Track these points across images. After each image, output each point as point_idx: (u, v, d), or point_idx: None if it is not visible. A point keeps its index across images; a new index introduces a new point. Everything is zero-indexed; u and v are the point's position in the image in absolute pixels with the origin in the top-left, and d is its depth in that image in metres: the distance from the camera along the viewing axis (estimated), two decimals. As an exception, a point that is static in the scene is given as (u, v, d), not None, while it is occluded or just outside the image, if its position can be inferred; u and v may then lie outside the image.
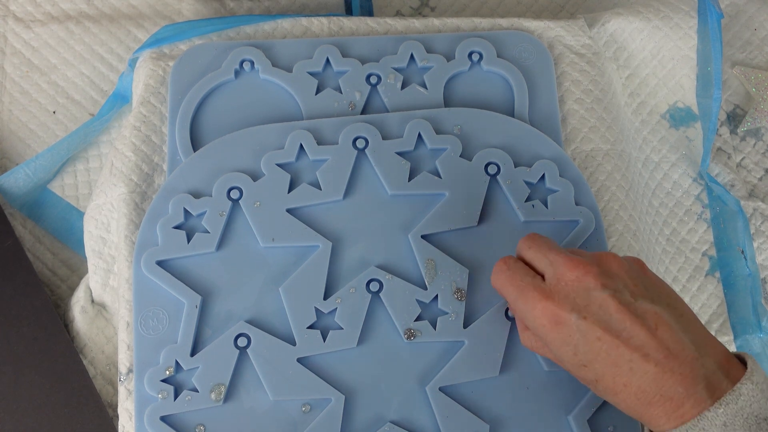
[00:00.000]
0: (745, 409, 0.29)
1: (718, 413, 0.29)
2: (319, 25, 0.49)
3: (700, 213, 0.49)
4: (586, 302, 0.33)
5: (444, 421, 0.40)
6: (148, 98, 0.46)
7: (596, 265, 0.34)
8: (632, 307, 0.32)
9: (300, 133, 0.44)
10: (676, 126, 0.51)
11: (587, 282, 0.33)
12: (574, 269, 0.34)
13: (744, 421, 0.29)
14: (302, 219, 0.43)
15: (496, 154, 0.44)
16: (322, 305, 0.41)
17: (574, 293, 0.33)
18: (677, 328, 0.32)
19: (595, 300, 0.33)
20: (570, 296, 0.33)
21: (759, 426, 0.29)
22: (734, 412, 0.29)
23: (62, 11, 0.55)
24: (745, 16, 0.56)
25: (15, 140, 0.53)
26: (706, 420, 0.29)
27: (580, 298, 0.33)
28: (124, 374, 0.41)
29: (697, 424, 0.29)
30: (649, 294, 0.33)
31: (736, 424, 0.29)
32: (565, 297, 0.33)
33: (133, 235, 0.43)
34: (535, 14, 0.60)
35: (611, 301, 0.32)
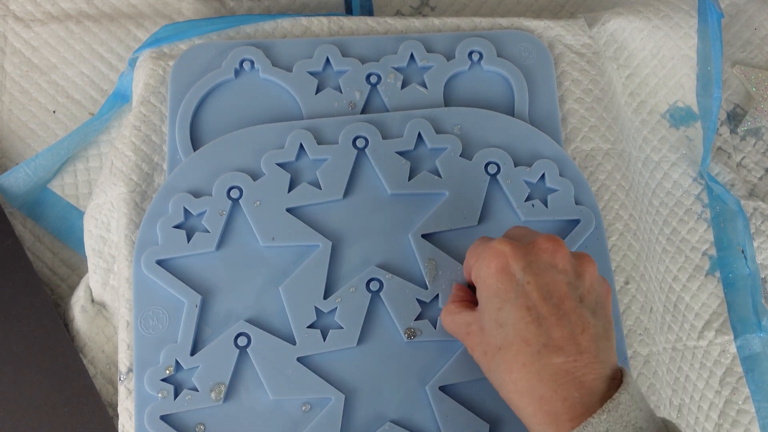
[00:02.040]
0: (624, 417, 0.30)
1: (601, 419, 0.30)
2: (319, 24, 0.49)
3: (700, 212, 0.49)
4: (541, 272, 0.33)
5: (444, 421, 0.40)
6: (148, 97, 0.46)
7: (572, 255, 0.34)
8: (575, 304, 0.33)
9: (300, 132, 0.44)
10: (676, 125, 0.51)
11: (555, 259, 0.34)
12: (552, 241, 0.34)
13: (623, 429, 0.30)
14: (302, 218, 0.43)
15: (496, 153, 0.44)
16: (322, 304, 0.41)
17: (537, 259, 0.34)
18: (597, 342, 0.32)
19: (551, 276, 0.33)
20: (530, 258, 0.34)
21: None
22: (615, 419, 0.30)
23: (62, 10, 0.55)
24: (745, 16, 0.56)
25: (15, 139, 0.53)
26: (591, 426, 0.30)
27: (537, 265, 0.33)
28: (124, 373, 0.41)
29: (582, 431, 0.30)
30: (595, 309, 0.34)
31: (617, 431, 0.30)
32: (525, 255, 0.34)
33: (133, 234, 0.43)
34: (535, 14, 0.60)
35: (562, 287, 0.33)
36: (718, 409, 0.45)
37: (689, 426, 0.45)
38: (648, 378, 0.44)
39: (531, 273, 0.33)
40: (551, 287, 0.33)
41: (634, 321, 0.44)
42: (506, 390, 0.33)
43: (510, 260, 0.34)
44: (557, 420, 0.30)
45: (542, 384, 0.31)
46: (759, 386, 0.46)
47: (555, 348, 0.31)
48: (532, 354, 0.32)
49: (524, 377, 0.32)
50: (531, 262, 0.33)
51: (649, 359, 0.44)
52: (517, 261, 0.33)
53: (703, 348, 0.46)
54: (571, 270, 0.34)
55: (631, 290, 0.45)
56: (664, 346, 0.46)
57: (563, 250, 0.34)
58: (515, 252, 0.34)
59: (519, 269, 0.33)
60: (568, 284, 0.33)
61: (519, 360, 0.32)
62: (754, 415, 0.45)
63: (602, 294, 0.35)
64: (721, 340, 0.46)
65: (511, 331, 0.32)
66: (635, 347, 0.44)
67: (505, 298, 0.33)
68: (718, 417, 0.45)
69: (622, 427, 0.30)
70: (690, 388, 0.46)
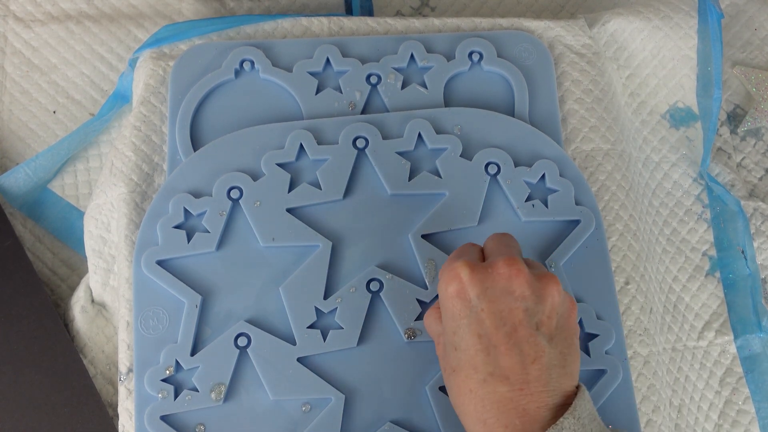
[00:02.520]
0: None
1: None
2: (319, 25, 0.49)
3: (700, 213, 0.49)
4: (496, 299, 0.33)
5: (444, 421, 0.40)
6: (149, 98, 0.46)
7: (532, 279, 0.33)
8: (529, 332, 0.32)
9: (300, 132, 0.44)
10: (677, 126, 0.51)
11: (512, 285, 0.33)
12: (509, 267, 0.33)
13: None
14: (302, 219, 0.43)
15: (497, 153, 0.44)
16: (323, 305, 0.41)
17: (492, 285, 0.33)
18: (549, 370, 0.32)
19: (506, 303, 0.33)
20: (487, 284, 0.33)
21: None
22: None
23: (62, 11, 0.55)
24: (745, 16, 0.56)
25: (15, 140, 0.53)
26: None
27: (493, 291, 0.33)
28: (124, 374, 0.41)
29: None
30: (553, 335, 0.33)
31: None
32: (482, 281, 0.33)
33: (134, 234, 0.43)
34: (536, 14, 0.60)
35: (518, 314, 0.32)
36: (718, 409, 0.45)
37: (689, 426, 0.45)
38: (648, 378, 0.44)
39: (485, 299, 0.33)
40: (505, 315, 0.32)
41: (634, 321, 0.44)
42: (458, 410, 0.34)
43: (466, 285, 0.33)
44: None
45: (485, 410, 0.31)
46: (759, 387, 0.46)
47: (501, 377, 0.31)
48: (478, 381, 0.32)
49: (471, 402, 0.32)
50: (486, 288, 0.33)
51: (649, 359, 0.44)
52: (473, 286, 0.33)
53: (703, 348, 0.46)
54: (529, 295, 0.33)
55: (631, 291, 0.45)
56: (664, 347, 0.46)
57: (521, 276, 0.33)
58: (472, 277, 0.33)
59: (474, 295, 0.33)
60: (524, 311, 0.32)
61: (467, 385, 0.32)
62: (754, 415, 0.45)
63: (565, 316, 0.34)
64: (721, 340, 0.46)
65: (463, 357, 0.33)
66: (635, 347, 0.44)
67: (460, 322, 0.33)
68: (718, 417, 0.45)
69: None
70: (690, 389, 0.46)
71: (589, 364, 0.41)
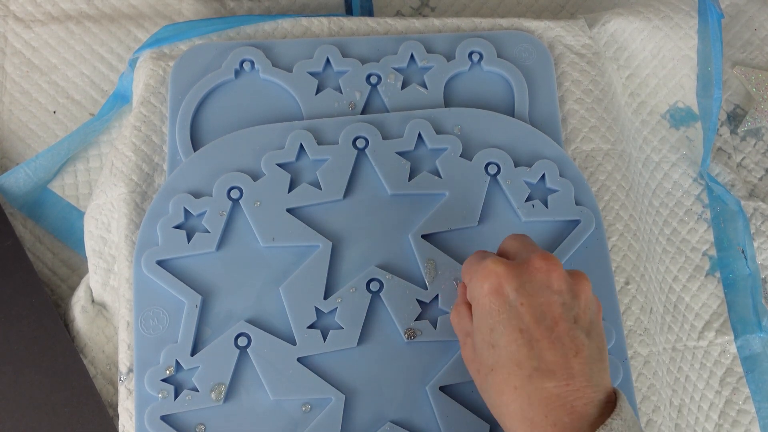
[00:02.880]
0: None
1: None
2: (319, 25, 0.49)
3: (700, 213, 0.49)
4: (534, 293, 0.32)
5: (444, 421, 0.40)
6: (149, 98, 0.46)
7: (566, 275, 0.34)
8: (569, 326, 0.32)
9: (300, 133, 0.44)
10: (677, 126, 0.51)
11: (550, 279, 0.33)
12: (546, 261, 0.33)
13: None
14: (302, 219, 0.43)
15: (497, 154, 0.44)
16: (323, 305, 0.41)
17: (530, 279, 0.33)
18: (590, 365, 0.32)
19: (544, 297, 0.32)
20: (524, 278, 0.33)
21: None
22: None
23: (62, 11, 0.55)
24: (745, 16, 0.56)
25: (15, 140, 0.53)
26: None
27: (531, 286, 0.33)
28: (125, 374, 0.41)
29: None
30: (590, 330, 0.33)
31: None
32: (518, 276, 0.33)
33: (134, 234, 0.43)
34: (536, 14, 0.60)
35: (556, 308, 0.32)
36: (718, 409, 0.45)
37: (689, 426, 0.45)
38: (648, 378, 0.44)
39: (524, 294, 0.32)
40: (545, 309, 0.32)
41: (634, 321, 0.44)
42: (497, 411, 0.33)
43: (503, 281, 0.33)
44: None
45: (532, 408, 0.31)
46: (759, 386, 0.46)
47: (547, 372, 0.31)
48: (523, 378, 0.31)
49: (515, 400, 0.31)
50: (524, 283, 0.33)
51: (649, 359, 0.44)
52: (510, 282, 0.33)
53: (703, 348, 0.46)
54: (566, 290, 0.33)
55: (631, 290, 0.45)
56: (664, 347, 0.46)
57: (558, 270, 0.33)
58: (508, 272, 0.33)
59: (512, 290, 0.33)
60: (562, 305, 0.32)
61: (510, 383, 0.32)
62: (754, 415, 0.45)
63: (595, 313, 0.34)
64: (721, 340, 0.46)
65: (503, 353, 0.32)
66: (635, 347, 0.44)
67: (498, 319, 0.33)
68: (718, 417, 0.45)
69: None
70: (690, 389, 0.46)
71: (589, 364, 0.41)
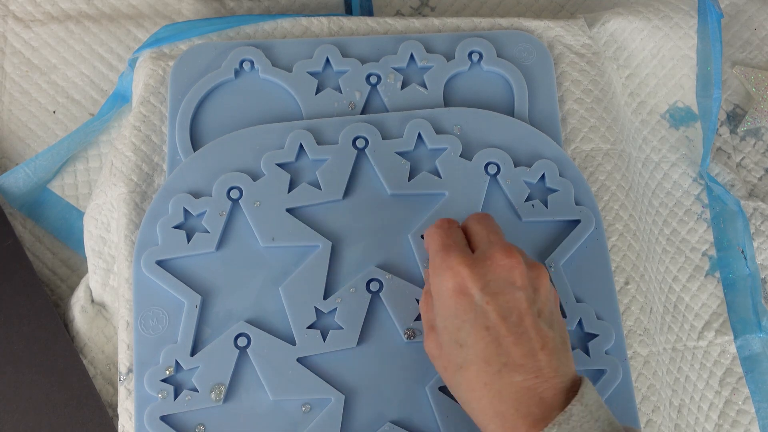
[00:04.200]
0: (575, 430, 0.30)
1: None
2: (319, 24, 0.49)
3: (700, 213, 0.49)
4: (499, 291, 0.33)
5: (444, 421, 0.40)
6: (148, 98, 0.46)
7: (528, 268, 0.34)
8: (533, 320, 0.33)
9: (300, 132, 0.44)
10: (676, 126, 0.51)
11: (513, 276, 0.33)
12: (508, 257, 0.34)
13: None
14: (302, 219, 0.43)
15: (496, 153, 0.44)
16: (322, 305, 0.41)
17: (494, 277, 0.33)
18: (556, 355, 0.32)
19: (509, 294, 0.33)
20: (487, 277, 0.33)
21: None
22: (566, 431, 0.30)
23: (62, 11, 0.55)
24: (745, 16, 0.56)
25: (15, 140, 0.53)
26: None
27: (496, 284, 0.33)
28: (124, 374, 0.41)
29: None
30: (551, 321, 0.34)
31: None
32: (482, 275, 0.33)
33: (133, 234, 0.43)
34: (535, 14, 0.60)
35: (521, 304, 0.33)
36: (718, 409, 0.45)
37: (689, 426, 0.45)
38: (648, 378, 0.44)
39: (489, 293, 0.33)
40: (510, 305, 0.33)
41: (634, 321, 0.44)
42: (468, 407, 0.33)
43: (467, 282, 0.33)
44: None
45: (503, 403, 0.31)
46: (759, 387, 0.46)
47: (515, 366, 0.31)
48: (492, 374, 0.32)
49: (485, 396, 0.32)
50: (489, 282, 0.33)
51: (649, 360, 0.44)
52: (475, 282, 0.33)
53: (702, 348, 0.46)
54: (528, 285, 0.34)
55: (631, 291, 0.45)
56: (664, 347, 0.46)
57: (520, 266, 0.34)
58: (472, 273, 0.33)
59: (477, 291, 0.33)
60: (526, 300, 0.33)
61: (480, 380, 0.32)
62: (753, 415, 0.45)
63: (554, 304, 0.35)
64: (720, 340, 0.46)
65: (471, 352, 0.32)
66: (635, 347, 0.44)
67: (464, 318, 0.33)
68: (717, 417, 0.45)
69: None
70: (690, 389, 0.46)
71: (589, 364, 0.41)
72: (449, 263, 0.34)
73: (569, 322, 0.42)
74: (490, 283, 0.33)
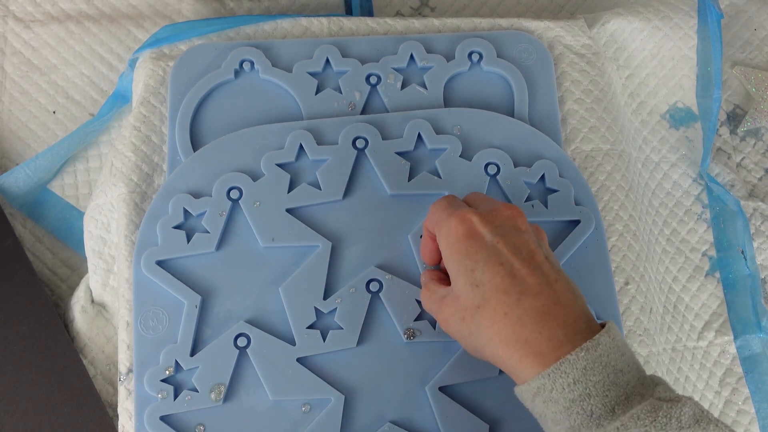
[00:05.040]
0: (603, 358, 0.31)
1: (579, 357, 0.30)
2: (319, 25, 0.49)
3: (700, 213, 0.49)
4: (508, 233, 0.34)
5: (444, 421, 0.40)
6: (148, 98, 0.46)
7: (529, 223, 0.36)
8: (544, 258, 0.34)
9: (300, 133, 0.44)
10: (676, 126, 0.51)
11: (517, 223, 0.35)
12: (511, 209, 0.36)
13: (603, 368, 0.30)
14: (302, 219, 0.43)
15: (496, 154, 0.44)
16: (322, 305, 0.41)
17: (501, 222, 0.35)
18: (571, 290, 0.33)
19: (517, 236, 0.34)
20: (495, 222, 0.35)
21: (615, 375, 0.31)
22: (594, 359, 0.30)
23: (62, 11, 0.55)
24: (744, 16, 0.56)
25: (15, 140, 0.53)
26: (568, 363, 0.30)
27: (504, 227, 0.35)
28: (124, 374, 0.41)
29: (560, 367, 0.30)
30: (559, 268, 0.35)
31: (596, 370, 0.30)
32: (490, 220, 0.35)
33: (133, 235, 0.43)
34: (535, 14, 0.60)
35: (530, 244, 0.34)
36: (718, 409, 0.45)
37: (689, 426, 0.45)
38: (648, 378, 0.44)
39: (499, 234, 0.34)
40: (519, 245, 0.34)
41: (634, 322, 0.44)
42: (490, 345, 0.33)
43: (476, 225, 0.35)
44: (544, 360, 0.31)
45: (525, 328, 0.32)
46: (759, 387, 0.46)
47: (533, 294, 0.32)
48: (511, 303, 0.32)
49: (508, 326, 0.32)
50: (497, 226, 0.35)
51: (649, 360, 0.44)
52: (484, 225, 0.35)
53: (702, 349, 0.46)
54: (533, 233, 0.36)
55: (631, 291, 0.45)
56: (664, 347, 0.46)
57: (523, 216, 0.36)
58: (481, 217, 0.35)
59: (487, 231, 0.34)
60: (534, 242, 0.34)
61: (500, 311, 0.33)
62: (753, 415, 0.45)
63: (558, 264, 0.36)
64: (720, 340, 0.46)
65: (488, 288, 0.33)
66: (635, 348, 0.44)
67: (477, 258, 0.34)
68: (717, 417, 0.45)
69: (601, 366, 0.30)
70: (690, 389, 0.46)
71: (589, 365, 0.41)
72: (456, 213, 0.35)
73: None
74: (499, 228, 0.34)
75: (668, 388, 0.31)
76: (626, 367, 0.31)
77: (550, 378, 0.30)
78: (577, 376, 0.30)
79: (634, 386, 0.31)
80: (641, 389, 0.31)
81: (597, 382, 0.30)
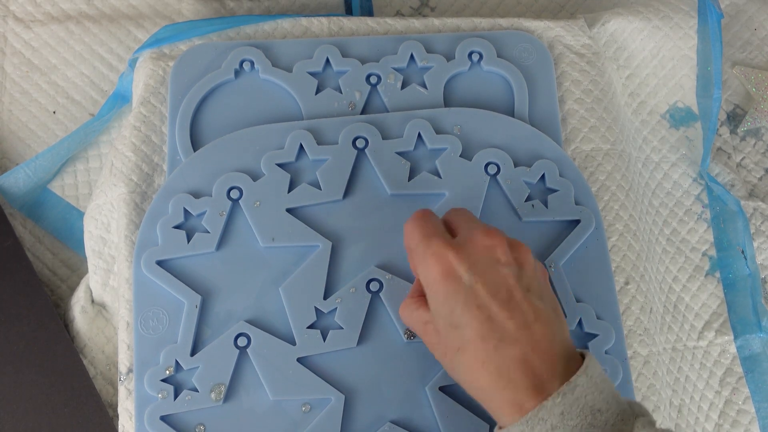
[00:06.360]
0: (580, 400, 0.30)
1: (556, 402, 0.30)
2: (319, 25, 0.49)
3: (700, 213, 0.49)
4: (486, 269, 0.33)
5: (444, 421, 0.40)
6: (148, 98, 0.46)
7: (510, 246, 0.35)
8: (523, 295, 0.33)
9: (300, 133, 0.44)
10: (676, 126, 0.51)
11: (496, 253, 0.34)
12: (489, 237, 0.34)
13: (580, 411, 0.30)
14: (302, 219, 0.43)
15: (496, 154, 0.44)
16: (322, 305, 0.41)
17: (479, 257, 0.34)
18: (550, 326, 0.33)
19: (496, 272, 0.33)
20: (473, 257, 0.34)
21: (593, 416, 0.30)
22: (571, 402, 0.30)
23: (62, 11, 0.55)
24: (745, 16, 0.56)
25: (15, 140, 0.53)
26: (545, 410, 0.30)
27: (482, 263, 0.33)
28: (124, 374, 0.41)
29: (537, 414, 0.30)
30: (542, 294, 0.34)
31: (573, 414, 0.30)
32: (468, 256, 0.34)
33: (133, 235, 0.43)
34: (535, 14, 0.60)
35: (509, 280, 0.33)
36: (718, 409, 0.45)
37: (689, 426, 0.45)
38: (648, 378, 0.44)
39: (476, 273, 0.33)
40: (498, 282, 0.33)
41: (634, 321, 0.44)
42: (471, 387, 0.34)
43: (453, 263, 0.34)
44: (522, 407, 0.31)
45: (502, 378, 0.32)
46: (759, 387, 0.46)
47: (511, 340, 0.32)
48: (489, 350, 0.32)
49: (485, 374, 0.32)
50: (475, 262, 0.33)
51: (649, 359, 0.44)
52: (461, 263, 0.33)
53: (703, 348, 0.46)
54: (513, 261, 0.34)
55: (631, 291, 0.45)
56: (664, 347, 0.46)
57: (502, 245, 0.34)
58: (458, 255, 0.34)
59: (464, 271, 0.33)
60: (514, 276, 0.34)
61: (479, 359, 0.32)
62: (754, 415, 0.45)
63: (542, 278, 0.36)
64: (721, 340, 0.46)
65: (466, 332, 0.33)
66: (635, 347, 0.44)
67: (455, 300, 0.33)
68: (718, 417, 0.45)
69: (578, 409, 0.30)
70: (690, 389, 0.46)
71: (589, 364, 0.41)
72: (433, 249, 0.34)
73: (569, 322, 0.42)
74: (476, 264, 0.33)
75: (649, 420, 0.31)
76: (605, 405, 0.31)
77: (528, 425, 0.30)
78: (555, 422, 0.30)
79: (614, 424, 0.31)
80: (621, 426, 0.31)
81: (575, 426, 0.30)
